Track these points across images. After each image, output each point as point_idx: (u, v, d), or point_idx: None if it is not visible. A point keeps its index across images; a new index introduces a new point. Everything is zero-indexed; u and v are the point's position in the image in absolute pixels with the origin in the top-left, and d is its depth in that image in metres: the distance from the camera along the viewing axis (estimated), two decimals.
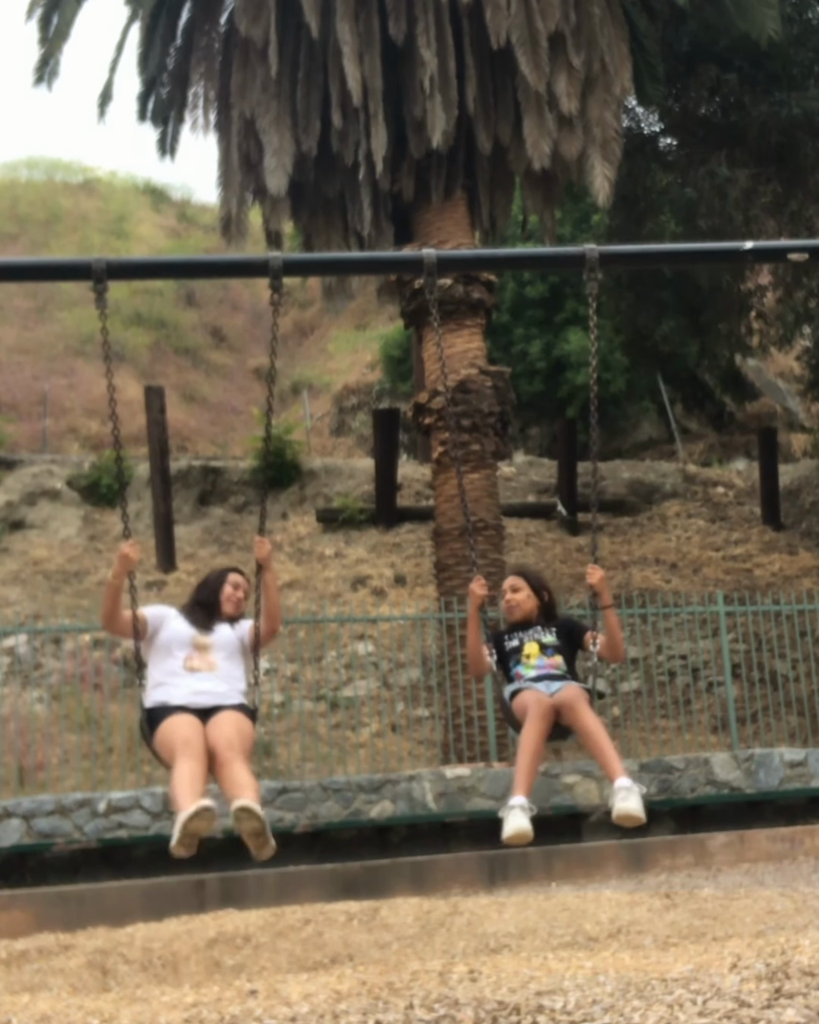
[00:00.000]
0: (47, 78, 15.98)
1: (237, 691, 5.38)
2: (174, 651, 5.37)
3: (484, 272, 14.42)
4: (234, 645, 5.49)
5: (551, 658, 5.28)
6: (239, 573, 5.78)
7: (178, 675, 5.29)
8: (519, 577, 5.59)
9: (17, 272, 5.65)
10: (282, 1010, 3.71)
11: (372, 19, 14.02)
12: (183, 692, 5.23)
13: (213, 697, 5.24)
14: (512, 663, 5.34)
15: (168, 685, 5.28)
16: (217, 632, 5.49)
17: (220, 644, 5.44)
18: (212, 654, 5.39)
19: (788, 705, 14.14)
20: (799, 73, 17.39)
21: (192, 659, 5.34)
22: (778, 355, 23.84)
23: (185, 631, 5.44)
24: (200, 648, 5.39)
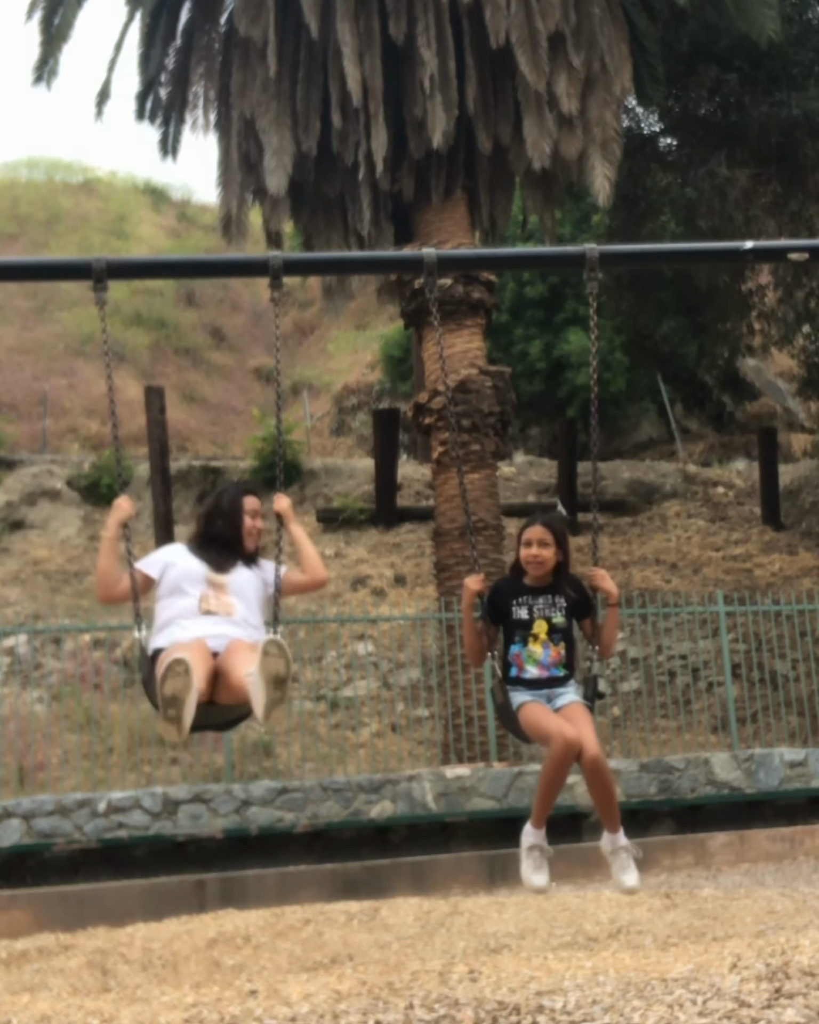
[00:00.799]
0: (46, 78, 16.00)
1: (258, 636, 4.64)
2: (186, 588, 4.77)
3: (484, 272, 14.42)
4: (256, 589, 4.89)
5: (556, 647, 4.99)
6: (254, 495, 5.11)
7: (190, 616, 4.69)
8: (546, 529, 5.00)
9: (17, 272, 5.65)
10: (282, 1010, 3.71)
11: (372, 19, 14.02)
12: (194, 633, 4.60)
13: (226, 640, 4.60)
14: (516, 638, 5.00)
15: (176, 626, 4.68)
16: (235, 572, 4.88)
17: (239, 585, 4.83)
18: (229, 596, 4.78)
19: (788, 705, 14.14)
20: (799, 73, 17.40)
21: (208, 599, 4.73)
22: (778, 355, 23.84)
23: (196, 568, 4.81)
24: (216, 587, 4.78)
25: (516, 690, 5.01)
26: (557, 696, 5.00)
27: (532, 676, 4.99)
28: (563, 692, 5.01)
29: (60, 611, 15.04)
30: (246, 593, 4.85)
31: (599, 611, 5.07)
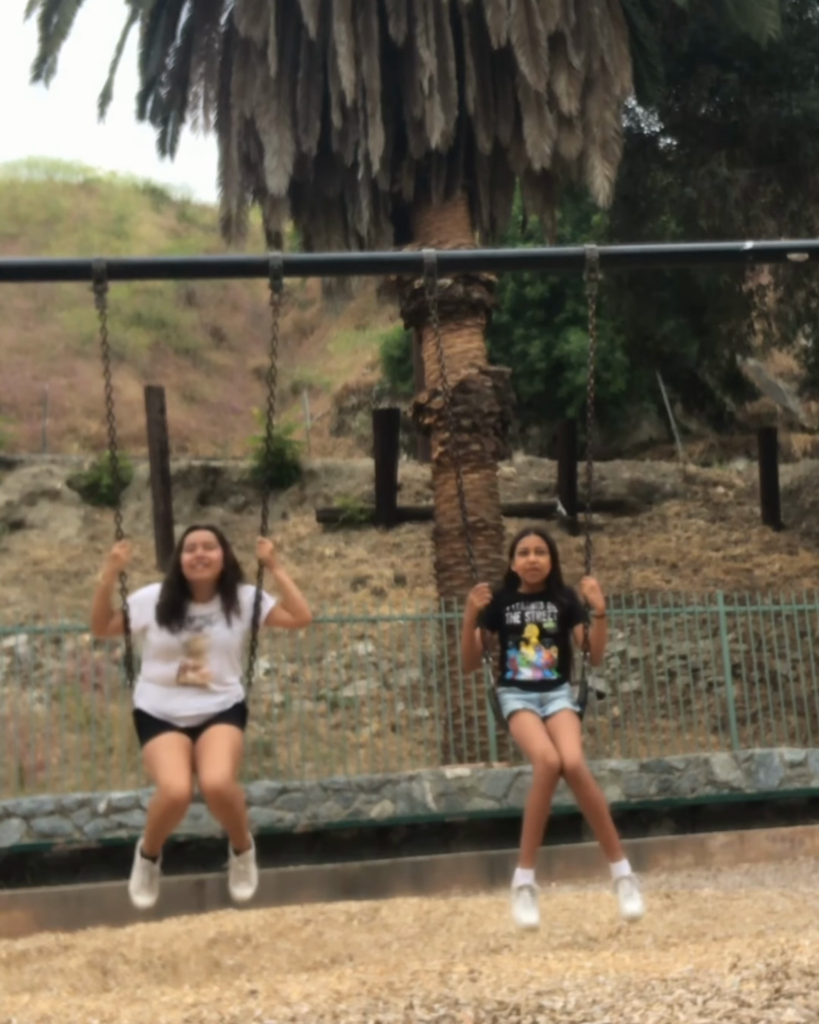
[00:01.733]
0: (45, 76, 16.00)
1: (233, 696, 5.13)
2: (164, 658, 5.08)
3: (484, 272, 14.41)
4: (232, 644, 5.15)
5: (548, 650, 5.22)
6: (202, 530, 5.23)
7: (169, 687, 5.05)
8: (542, 539, 5.36)
9: (17, 272, 5.65)
10: (282, 1010, 3.71)
11: (371, 19, 14.02)
12: (175, 710, 5.05)
13: (204, 719, 5.05)
14: (510, 643, 5.26)
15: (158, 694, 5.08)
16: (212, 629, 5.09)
17: (216, 647, 5.08)
18: (206, 661, 5.07)
19: (788, 705, 14.13)
20: (799, 73, 17.39)
21: (185, 671, 5.04)
22: (778, 355, 23.84)
23: (173, 640, 5.07)
24: (195, 653, 5.06)
25: (510, 692, 5.22)
26: (549, 701, 5.20)
27: (526, 678, 5.22)
28: (555, 697, 5.21)
29: (60, 611, 15.03)
30: (221, 654, 5.10)
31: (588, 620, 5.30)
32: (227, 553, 5.17)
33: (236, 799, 4.96)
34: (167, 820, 4.95)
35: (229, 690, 5.13)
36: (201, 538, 5.14)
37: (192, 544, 5.12)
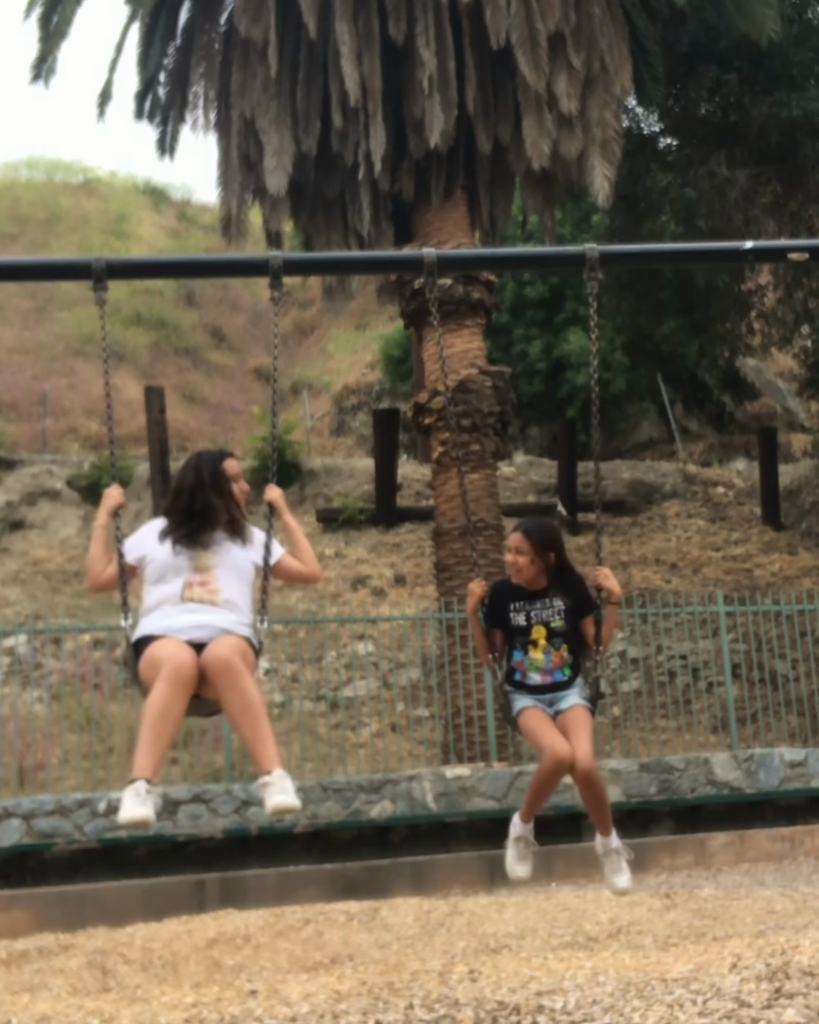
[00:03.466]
0: (45, 75, 16.01)
1: (242, 624, 4.61)
2: (169, 576, 4.61)
3: (484, 272, 14.42)
4: (244, 570, 4.71)
5: (558, 651, 4.99)
6: (233, 458, 4.93)
7: (173, 605, 4.55)
8: (523, 537, 5.01)
9: (17, 272, 5.65)
10: (282, 1010, 3.71)
11: (371, 19, 14.03)
12: (178, 623, 4.50)
13: (212, 631, 4.49)
14: (517, 645, 5.01)
15: (160, 613, 4.57)
16: (222, 552, 4.69)
17: (225, 568, 4.65)
18: (215, 578, 4.61)
19: (788, 705, 14.13)
20: (799, 73, 17.39)
21: (191, 586, 4.57)
22: (778, 355, 23.83)
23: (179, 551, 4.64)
24: (200, 569, 4.61)
25: (519, 692, 5.03)
26: (560, 699, 5.01)
27: (535, 683, 5.01)
28: (566, 695, 5.02)
29: (60, 611, 15.03)
30: (232, 575, 4.67)
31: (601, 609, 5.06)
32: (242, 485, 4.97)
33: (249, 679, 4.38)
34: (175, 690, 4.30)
35: (241, 617, 4.63)
36: (239, 469, 4.90)
37: (237, 475, 4.88)
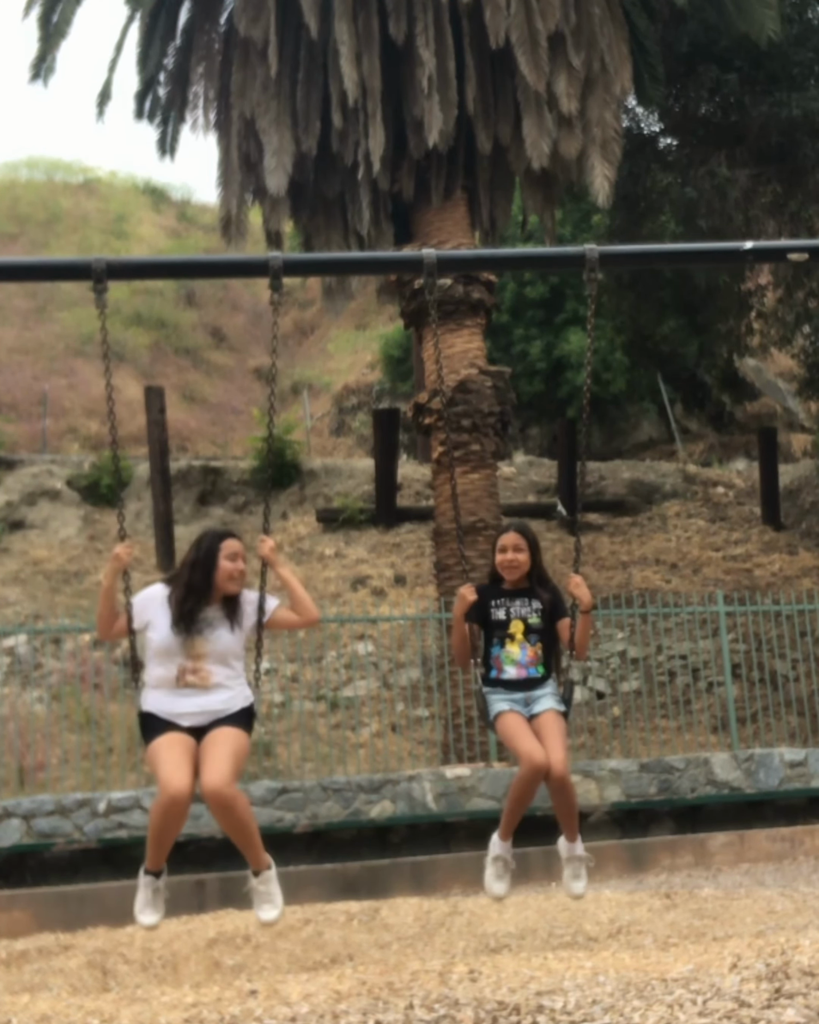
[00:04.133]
0: (44, 75, 16.00)
1: (238, 697, 5.06)
2: (165, 660, 5.01)
3: (484, 272, 14.42)
4: (234, 647, 5.06)
5: (533, 647, 5.26)
6: (234, 538, 5.14)
7: (170, 688, 4.98)
8: (521, 536, 5.41)
9: (17, 272, 5.65)
10: (282, 1010, 3.71)
11: (371, 19, 14.02)
12: (178, 708, 4.97)
13: (209, 716, 4.96)
14: (495, 640, 5.29)
15: (160, 694, 5.01)
16: (213, 632, 5.01)
17: (217, 651, 5.01)
18: (206, 664, 4.99)
19: (788, 705, 14.13)
20: (799, 73, 17.39)
21: (185, 674, 4.97)
22: (778, 355, 23.83)
23: (171, 640, 4.99)
24: (192, 657, 4.98)
25: (496, 692, 5.27)
26: (534, 700, 5.24)
27: (511, 677, 5.26)
28: (541, 696, 5.25)
29: (60, 611, 15.03)
30: (222, 657, 5.02)
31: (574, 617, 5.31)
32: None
33: (237, 803, 4.85)
34: (168, 821, 4.87)
35: (234, 691, 5.05)
36: (238, 548, 5.08)
37: (233, 554, 5.06)
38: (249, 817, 4.96)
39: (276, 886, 5.10)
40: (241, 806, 4.89)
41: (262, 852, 5.08)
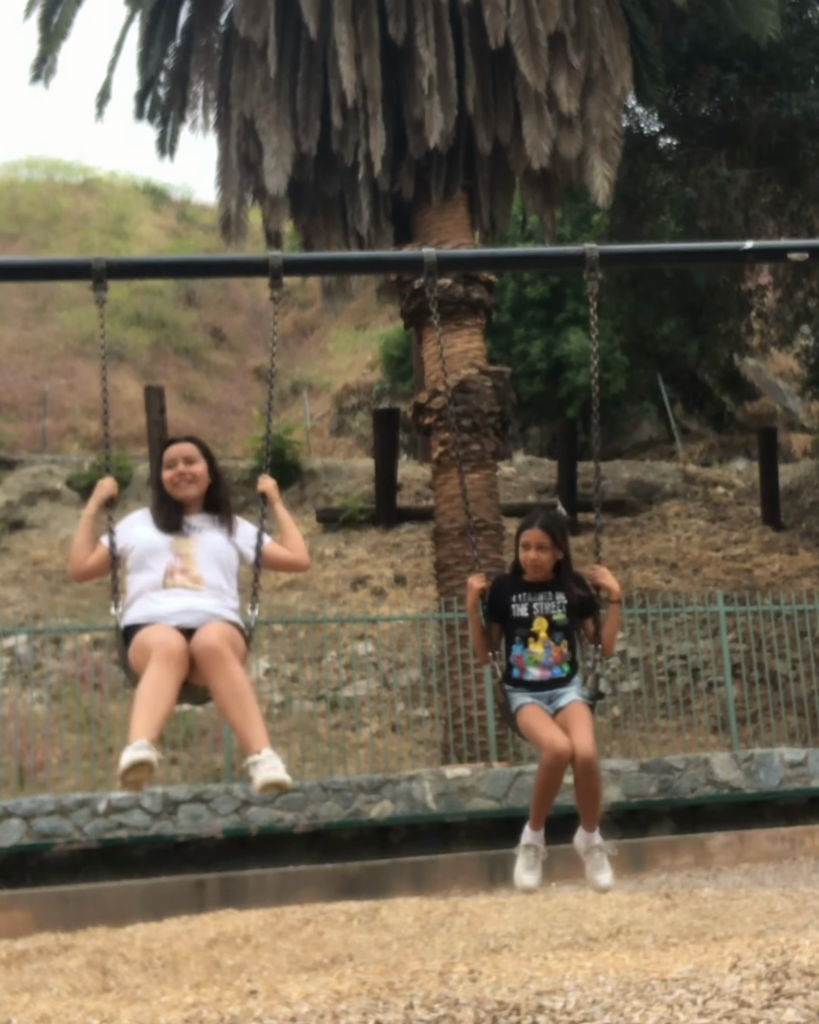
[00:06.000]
0: (45, 76, 16.02)
1: (229, 608, 4.54)
2: (150, 563, 4.53)
3: (484, 272, 14.42)
4: (228, 557, 4.63)
5: (558, 646, 4.91)
6: (182, 442, 4.76)
7: (157, 591, 4.48)
8: (544, 533, 4.93)
9: (17, 272, 5.64)
10: (282, 1010, 3.71)
11: (371, 19, 14.02)
12: (164, 609, 4.43)
13: (200, 616, 4.42)
14: (517, 639, 4.93)
15: (145, 600, 4.50)
16: (201, 534, 4.61)
17: (207, 550, 4.57)
18: (196, 563, 4.52)
19: (788, 705, 14.13)
20: (799, 73, 17.40)
21: (173, 573, 4.49)
22: (778, 355, 23.84)
23: (158, 539, 4.56)
24: (181, 555, 4.52)
25: (517, 691, 4.94)
26: (559, 696, 4.93)
27: (533, 678, 4.92)
28: (565, 692, 4.94)
29: (60, 611, 15.03)
30: (214, 560, 4.59)
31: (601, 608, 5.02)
32: (213, 465, 4.77)
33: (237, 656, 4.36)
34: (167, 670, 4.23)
35: (226, 603, 4.55)
36: (182, 451, 4.70)
37: (172, 459, 4.70)
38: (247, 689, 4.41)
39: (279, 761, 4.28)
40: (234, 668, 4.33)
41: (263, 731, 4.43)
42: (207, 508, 4.72)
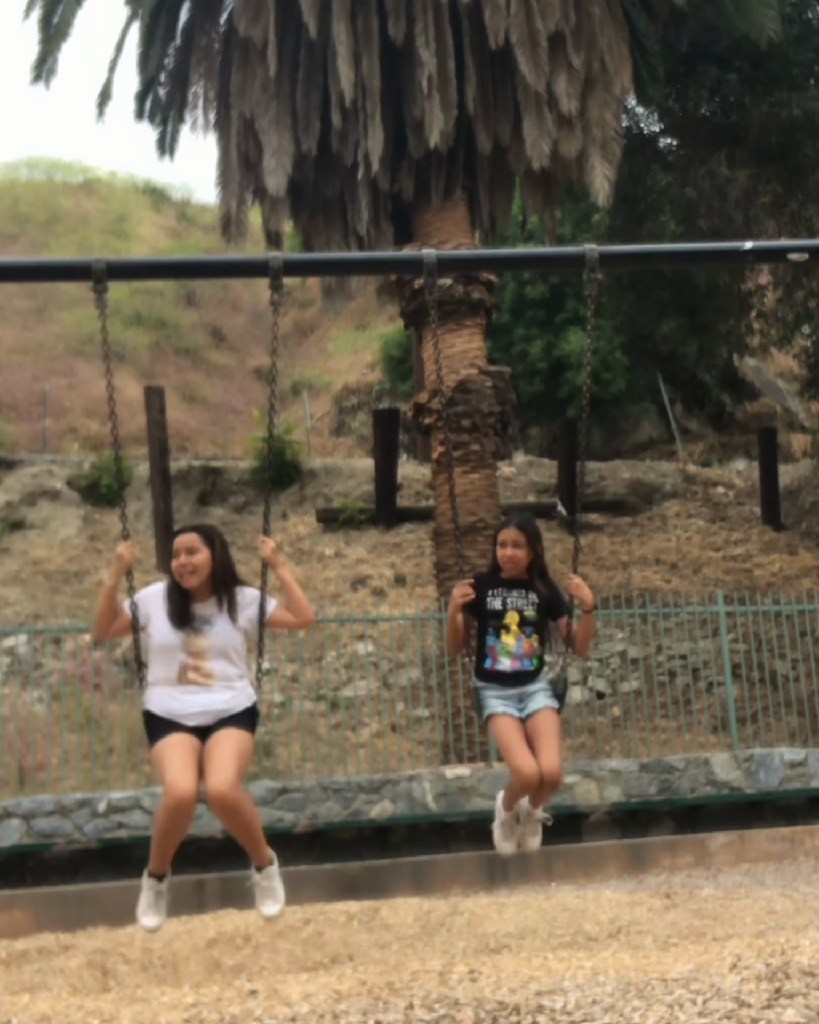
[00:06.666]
0: (45, 76, 16.02)
1: (241, 696, 5.07)
2: (165, 659, 4.99)
3: (484, 272, 14.41)
4: (233, 641, 5.04)
5: (529, 639, 5.23)
6: (186, 532, 5.11)
7: (173, 686, 4.97)
8: (520, 531, 5.31)
9: (17, 272, 5.65)
10: (282, 1010, 3.71)
11: (371, 19, 14.02)
12: (181, 708, 4.95)
13: (212, 716, 4.95)
14: (490, 630, 5.25)
15: (163, 693, 4.99)
16: (211, 627, 5.00)
17: (216, 646, 4.99)
18: (207, 659, 4.97)
19: (788, 705, 14.13)
20: (799, 73, 17.39)
21: (186, 671, 4.96)
22: (778, 355, 23.83)
23: (171, 636, 4.98)
24: (194, 654, 4.97)
25: (489, 689, 5.25)
26: (528, 697, 5.22)
27: (504, 669, 5.23)
28: (534, 692, 5.24)
29: (60, 611, 15.04)
30: (221, 654, 5.01)
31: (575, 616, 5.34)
32: (215, 552, 5.05)
33: (242, 805, 4.89)
34: (173, 824, 4.81)
35: (236, 689, 5.04)
36: (184, 543, 5.03)
37: (176, 551, 5.04)
38: (253, 816, 5.03)
39: (278, 881, 5.15)
40: (246, 808, 4.95)
41: (265, 848, 5.13)
42: (214, 590, 5.07)
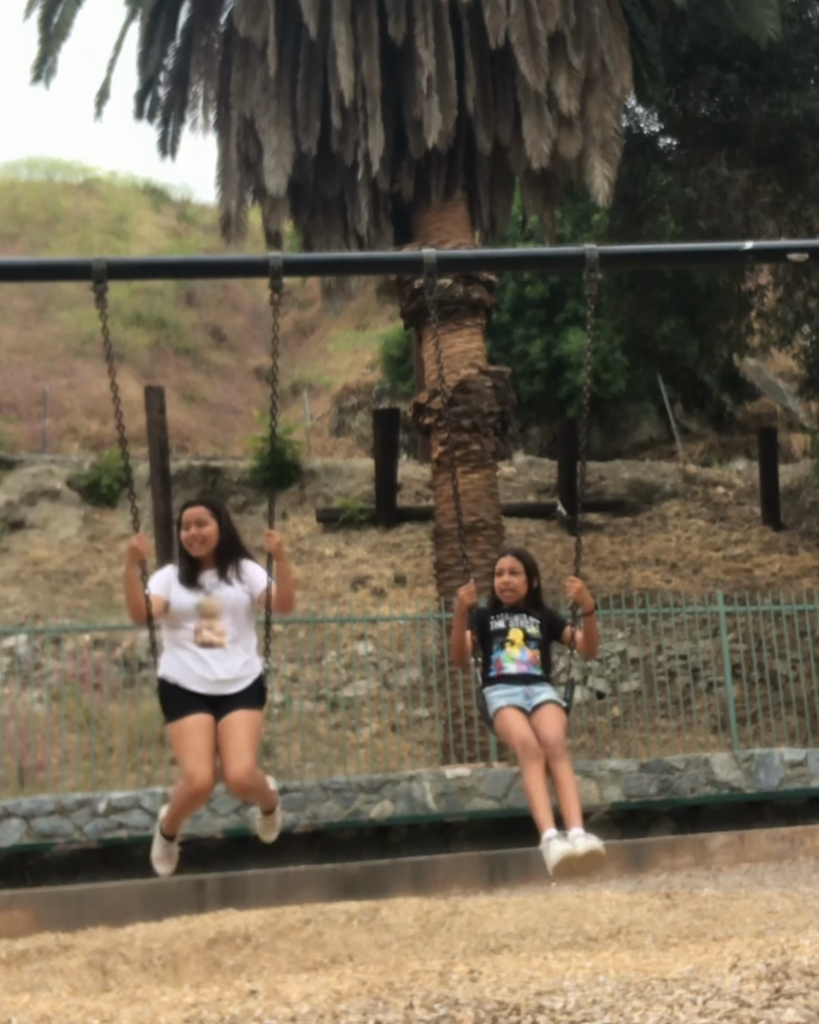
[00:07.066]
0: (45, 76, 16.02)
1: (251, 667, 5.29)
2: (182, 622, 5.25)
3: (484, 272, 14.42)
4: (242, 605, 5.31)
5: (532, 651, 5.36)
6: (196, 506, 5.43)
7: (190, 648, 5.22)
8: (517, 560, 5.55)
9: (17, 272, 5.64)
10: (282, 1010, 3.71)
11: (371, 19, 14.03)
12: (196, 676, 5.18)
13: (226, 685, 5.19)
14: (495, 646, 5.39)
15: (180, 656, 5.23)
16: (222, 592, 5.29)
17: (228, 607, 5.26)
18: (221, 620, 5.24)
19: (788, 705, 14.13)
20: (799, 73, 17.39)
21: (201, 631, 5.22)
22: (778, 355, 23.83)
23: (187, 600, 5.26)
24: (208, 615, 5.24)
25: (496, 688, 5.32)
26: (534, 694, 5.29)
27: (511, 671, 5.33)
28: (540, 691, 5.31)
29: (60, 611, 15.04)
30: (234, 612, 5.28)
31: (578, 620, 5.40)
32: (222, 524, 5.37)
33: (260, 787, 5.26)
34: (190, 805, 5.24)
35: (249, 657, 5.29)
36: (193, 515, 5.34)
37: (186, 522, 5.35)
38: (270, 791, 5.42)
39: (280, 816, 5.71)
40: (264, 787, 5.33)
41: (273, 798, 5.54)
42: (219, 561, 5.36)
